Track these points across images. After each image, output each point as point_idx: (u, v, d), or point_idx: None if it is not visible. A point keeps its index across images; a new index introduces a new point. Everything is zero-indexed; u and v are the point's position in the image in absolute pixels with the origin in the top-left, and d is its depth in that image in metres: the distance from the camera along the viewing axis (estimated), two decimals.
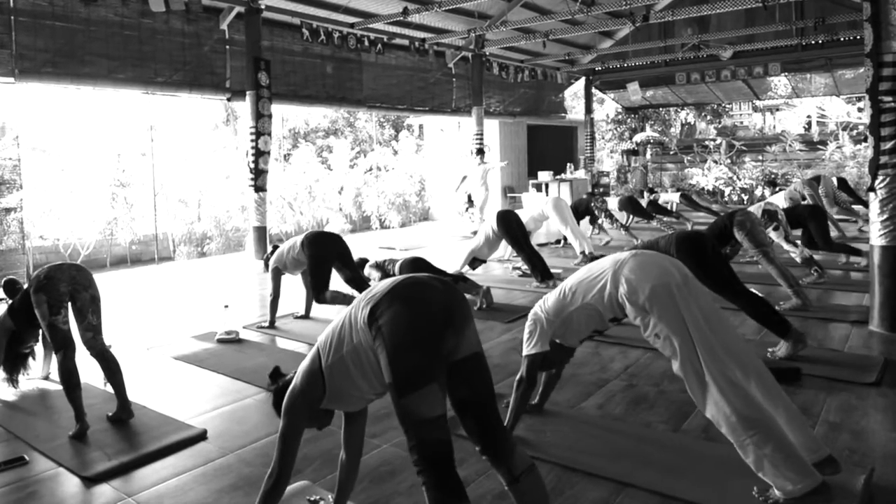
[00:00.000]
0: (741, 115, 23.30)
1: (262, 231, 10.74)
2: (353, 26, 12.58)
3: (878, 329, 5.61)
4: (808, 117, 22.40)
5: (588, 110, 19.46)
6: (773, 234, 7.26)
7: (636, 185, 19.82)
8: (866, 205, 10.90)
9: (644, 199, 12.89)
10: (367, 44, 13.04)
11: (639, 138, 21.67)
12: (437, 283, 2.42)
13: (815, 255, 8.01)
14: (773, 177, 17.29)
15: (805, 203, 9.38)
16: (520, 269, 8.66)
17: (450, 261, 8.82)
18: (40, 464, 3.49)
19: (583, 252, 9.35)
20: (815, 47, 15.30)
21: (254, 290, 8.31)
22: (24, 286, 4.74)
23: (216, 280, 9.39)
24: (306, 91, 12.53)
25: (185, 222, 16.62)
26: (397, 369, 2.23)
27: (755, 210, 7.23)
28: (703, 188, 19.31)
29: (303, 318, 6.62)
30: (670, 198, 14.46)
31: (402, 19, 11.97)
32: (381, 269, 7.30)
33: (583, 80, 19.57)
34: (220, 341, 5.83)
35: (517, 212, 8.70)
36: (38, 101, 15.51)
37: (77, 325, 4.02)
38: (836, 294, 7.01)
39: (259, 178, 10.64)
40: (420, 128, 22.41)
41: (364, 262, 7.55)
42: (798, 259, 7.31)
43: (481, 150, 13.85)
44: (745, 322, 5.39)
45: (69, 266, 4.08)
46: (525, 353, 3.58)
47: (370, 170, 20.72)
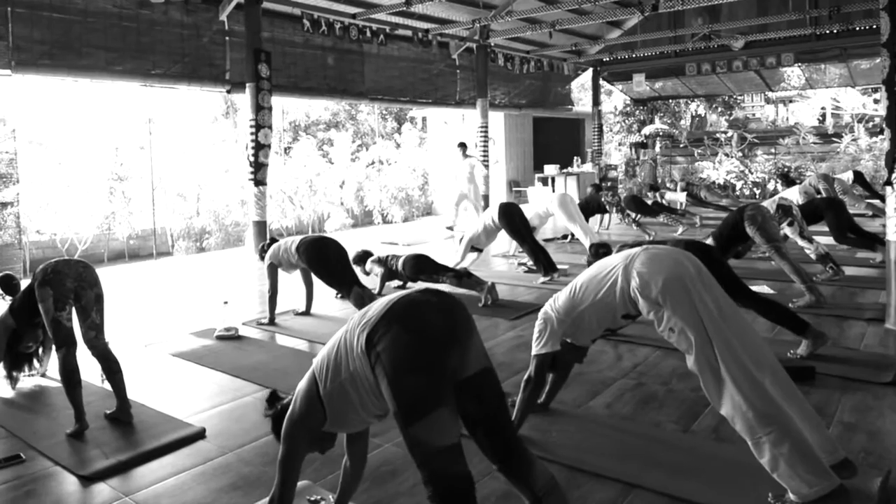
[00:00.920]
0: (753, 106, 23.22)
1: (262, 226, 10.73)
2: (354, 17, 12.55)
3: (894, 327, 5.58)
4: (823, 109, 22.33)
5: (595, 102, 19.41)
6: (787, 230, 7.24)
7: (645, 179, 19.77)
8: (883, 199, 10.89)
9: (648, 198, 12.88)
10: (368, 35, 13.01)
11: (648, 131, 21.61)
12: (435, 298, 2.33)
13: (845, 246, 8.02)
14: (786, 170, 17.22)
15: (821, 196, 9.37)
16: (525, 264, 8.66)
17: (451, 254, 8.82)
18: (37, 462, 3.50)
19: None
20: (829, 37, 15.22)
21: (253, 286, 8.32)
22: (21, 283, 4.76)
23: (215, 276, 9.39)
24: (307, 83, 12.51)
25: (183, 217, 16.63)
26: (401, 397, 2.14)
27: (769, 205, 7.21)
28: (713, 182, 19.26)
29: (303, 314, 6.62)
30: (676, 198, 14.43)
31: (404, 9, 11.94)
32: (384, 264, 7.31)
33: (590, 72, 19.51)
34: (219, 338, 5.83)
35: (522, 207, 8.71)
36: (35, 93, 15.54)
37: (80, 323, 4.03)
38: (852, 291, 6.99)
39: (259, 171, 10.63)
40: (423, 120, 22.38)
41: (366, 254, 7.55)
42: (813, 256, 7.29)
43: (464, 144, 13.69)
44: (757, 319, 5.38)
45: (76, 262, 4.10)
46: (534, 352, 3.58)
47: (372, 163, 20.71)
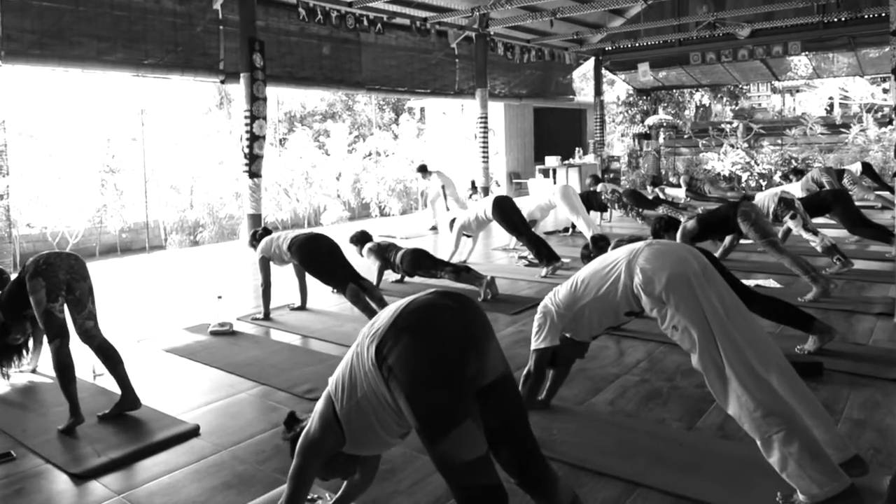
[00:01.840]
0: (759, 96, 23.26)
1: (256, 219, 10.72)
2: (351, 5, 12.52)
3: None
4: (830, 99, 22.35)
5: (598, 92, 19.39)
6: (790, 223, 7.24)
7: (648, 171, 19.77)
8: (892, 190, 10.88)
9: (648, 192, 12.88)
10: (366, 23, 12.98)
11: (651, 121, 21.61)
12: (448, 300, 2.21)
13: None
14: (795, 164, 17.21)
15: (828, 189, 9.37)
16: (525, 258, 8.66)
17: (446, 247, 8.84)
18: (28, 460, 3.49)
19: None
20: (837, 25, 15.19)
21: (248, 280, 8.31)
22: (11, 276, 4.75)
23: (209, 270, 9.38)
24: (303, 73, 12.49)
25: (176, 210, 16.64)
26: (422, 412, 2.04)
27: (768, 198, 7.22)
28: (718, 174, 19.26)
29: (299, 309, 6.62)
30: (677, 193, 14.42)
31: None
32: (381, 254, 7.30)
33: (592, 61, 19.47)
34: (213, 333, 5.82)
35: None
36: (25, 84, 15.51)
37: (75, 315, 4.03)
38: (860, 285, 6.98)
39: (254, 163, 10.61)
40: (421, 111, 22.39)
41: (365, 235, 7.56)
42: (819, 248, 7.28)
43: (423, 167, 13.28)
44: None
45: (67, 255, 4.11)
46: (533, 347, 3.57)
47: (369, 155, 20.72)
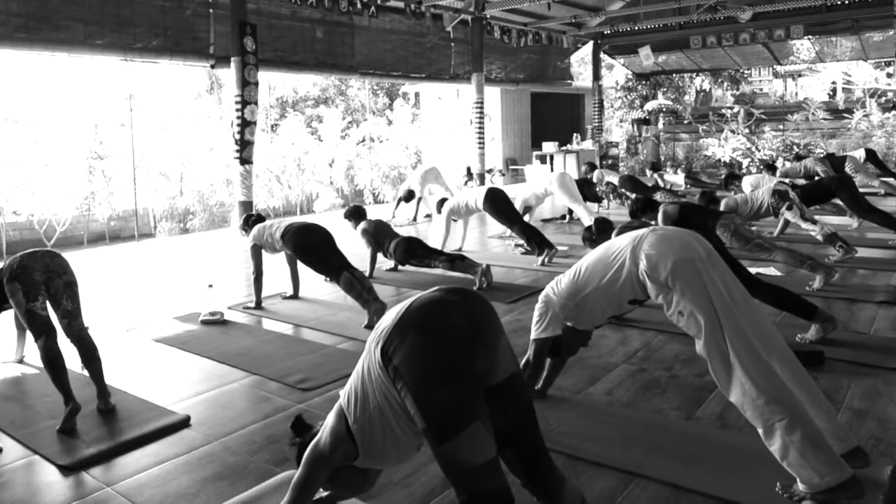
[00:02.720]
0: (761, 81, 23.22)
1: (248, 206, 10.72)
2: None
3: None
4: (833, 83, 22.33)
5: (596, 77, 19.37)
6: (788, 215, 7.28)
7: (647, 157, 19.77)
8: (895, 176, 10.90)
9: (647, 178, 12.90)
10: (359, 6, 12.93)
11: (650, 106, 21.59)
12: (455, 296, 2.17)
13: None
14: (797, 150, 17.22)
15: (832, 175, 9.40)
16: (522, 245, 8.68)
17: (436, 234, 8.83)
18: (14, 451, 3.49)
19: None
20: (840, 8, 15.19)
21: (239, 268, 8.30)
22: None
23: (200, 258, 9.37)
24: (295, 57, 12.45)
25: (166, 197, 16.64)
26: (429, 413, 2.00)
27: (761, 193, 7.29)
28: (718, 160, 19.27)
29: (291, 298, 6.62)
30: (676, 180, 14.43)
31: None
32: (375, 239, 7.27)
33: (590, 45, 19.47)
34: (204, 323, 5.82)
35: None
36: (10, 68, 15.45)
37: (55, 311, 4.03)
38: (863, 273, 7.00)
39: (245, 149, 10.60)
40: (416, 96, 22.34)
41: (359, 210, 7.56)
42: (819, 237, 7.30)
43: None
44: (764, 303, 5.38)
45: (42, 254, 4.10)
46: (533, 336, 3.58)
47: (363, 141, 20.70)
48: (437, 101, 20.18)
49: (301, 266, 6.35)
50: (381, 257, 7.43)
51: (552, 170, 15.98)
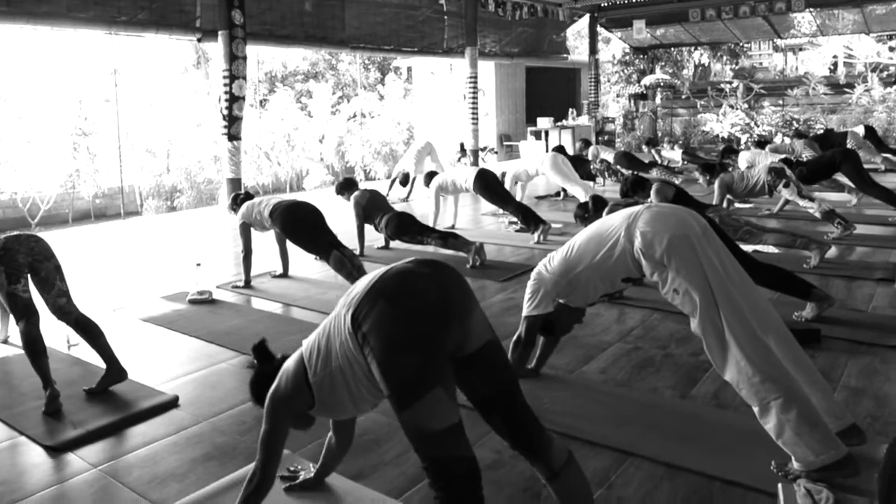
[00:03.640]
0: (760, 55, 23.18)
1: (236, 183, 10.68)
2: None
3: None
4: (835, 57, 22.31)
5: (592, 51, 19.30)
6: (785, 192, 7.32)
7: (644, 133, 19.75)
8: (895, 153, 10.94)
9: (644, 154, 12.91)
10: None
11: (648, 81, 21.54)
12: (426, 268, 2.24)
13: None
14: (797, 126, 17.22)
15: (836, 148, 9.44)
16: (515, 223, 8.69)
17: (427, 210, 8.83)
18: (0, 432, 3.51)
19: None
20: None
21: (228, 247, 8.30)
22: None
23: (187, 236, 9.36)
24: (284, 31, 12.38)
25: (153, 174, 16.60)
26: (392, 379, 2.06)
27: (758, 171, 7.32)
28: (717, 136, 19.26)
29: (280, 277, 6.63)
30: (673, 156, 14.44)
31: None
32: (366, 211, 7.28)
33: (587, 18, 19.37)
34: (192, 302, 5.82)
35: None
36: None
37: (45, 295, 4.03)
38: (861, 250, 7.03)
39: (233, 125, 10.56)
40: (408, 70, 22.27)
41: (350, 182, 7.56)
42: (817, 214, 7.33)
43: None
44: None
45: (27, 237, 4.10)
46: (525, 314, 3.59)
47: (354, 116, 20.64)
48: (430, 75, 20.12)
49: (290, 244, 6.36)
50: (373, 235, 7.44)
51: (547, 147, 15.96)
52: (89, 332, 4.04)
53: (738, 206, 9.06)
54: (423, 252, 7.30)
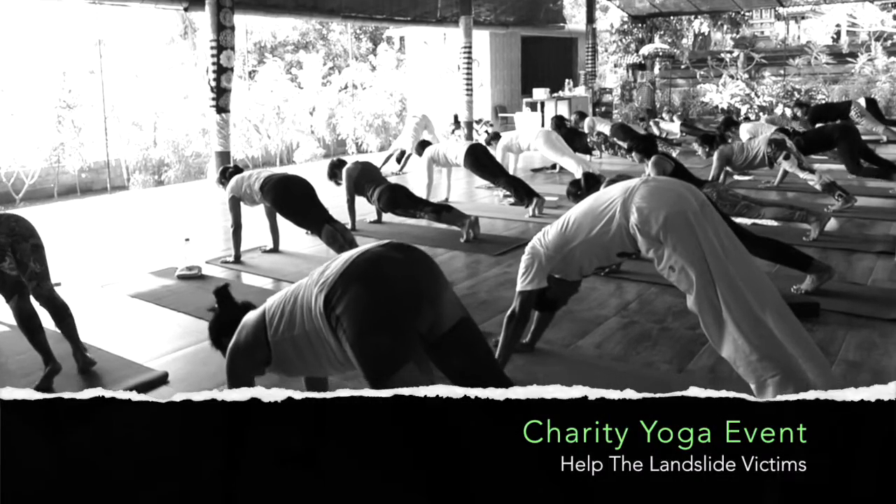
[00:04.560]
0: (762, 24, 23.13)
1: (225, 156, 10.64)
2: None
3: None
4: (837, 26, 22.28)
5: (590, 19, 19.18)
6: (785, 164, 7.34)
7: (642, 104, 19.70)
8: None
9: (641, 126, 12.89)
10: None
11: (646, 51, 21.42)
12: (397, 253, 2.39)
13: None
14: (798, 97, 17.18)
15: (834, 123, 9.46)
16: (510, 196, 8.70)
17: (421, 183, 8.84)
18: None
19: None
20: None
21: (217, 221, 8.29)
22: None
23: (176, 211, 9.36)
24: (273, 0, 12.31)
25: (139, 147, 16.51)
26: (366, 357, 2.22)
27: (758, 143, 7.33)
28: (716, 107, 19.22)
29: (271, 251, 6.64)
30: (671, 128, 14.43)
31: None
32: (357, 183, 7.27)
33: None
34: (181, 277, 5.83)
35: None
36: None
37: (21, 276, 4.04)
38: (861, 223, 7.05)
39: (221, 97, 10.51)
40: (401, 40, 22.14)
41: (341, 163, 7.57)
42: (818, 186, 7.36)
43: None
44: None
45: (7, 217, 4.08)
46: (519, 288, 3.61)
47: (345, 88, 20.52)
48: (423, 45, 20.00)
49: (281, 219, 6.36)
50: (365, 208, 7.45)
51: (543, 119, 15.91)
52: (58, 313, 4.03)
53: (737, 178, 9.07)
54: (417, 225, 7.31)
